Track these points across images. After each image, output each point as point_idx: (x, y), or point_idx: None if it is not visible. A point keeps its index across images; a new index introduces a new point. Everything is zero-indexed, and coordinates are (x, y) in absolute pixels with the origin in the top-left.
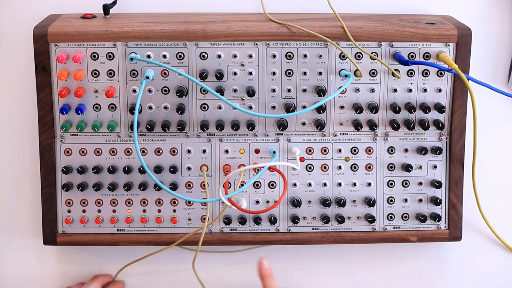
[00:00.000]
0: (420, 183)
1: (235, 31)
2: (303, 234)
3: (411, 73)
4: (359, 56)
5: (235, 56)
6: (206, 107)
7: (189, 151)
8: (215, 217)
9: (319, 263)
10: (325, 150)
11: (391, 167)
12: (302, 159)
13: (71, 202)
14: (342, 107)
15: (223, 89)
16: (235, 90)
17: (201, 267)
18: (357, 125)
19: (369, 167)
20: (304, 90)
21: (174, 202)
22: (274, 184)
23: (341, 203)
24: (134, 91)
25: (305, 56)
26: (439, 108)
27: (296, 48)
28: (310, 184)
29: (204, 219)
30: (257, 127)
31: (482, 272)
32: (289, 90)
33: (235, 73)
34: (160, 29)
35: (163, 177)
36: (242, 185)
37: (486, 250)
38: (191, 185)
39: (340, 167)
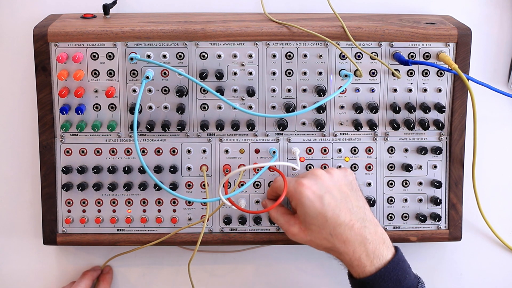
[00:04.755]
0: (420, 183)
1: (235, 31)
2: None
3: (411, 73)
4: (359, 56)
5: (235, 56)
6: (206, 107)
7: (189, 151)
8: (214, 217)
9: (319, 263)
10: (325, 150)
11: (391, 167)
12: (302, 159)
13: (71, 202)
14: (342, 107)
15: (223, 89)
16: (235, 90)
17: (201, 267)
18: (357, 125)
19: (369, 167)
20: (304, 90)
21: (174, 202)
22: None
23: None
24: (134, 91)
25: (305, 56)
26: (439, 108)
27: (296, 48)
28: None
29: (203, 219)
30: (257, 127)
31: (482, 272)
32: (289, 90)
33: (235, 73)
34: (160, 29)
35: (163, 177)
36: (242, 185)
37: (486, 250)
38: (191, 185)
39: (340, 167)
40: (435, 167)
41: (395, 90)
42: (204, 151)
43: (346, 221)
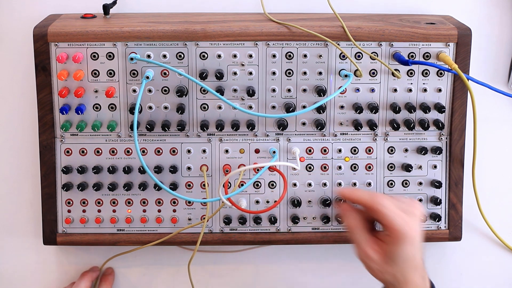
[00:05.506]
0: (420, 183)
1: (235, 31)
2: (303, 234)
3: (411, 73)
4: (359, 56)
5: (235, 56)
6: (206, 107)
7: (189, 151)
8: (214, 217)
9: (319, 263)
10: (325, 150)
11: (391, 167)
12: (302, 159)
13: (71, 202)
14: (342, 107)
15: (223, 89)
16: (235, 90)
17: (201, 267)
18: (357, 125)
19: (369, 167)
20: (304, 90)
21: (174, 202)
22: (274, 184)
23: (341, 203)
24: (134, 91)
25: (305, 56)
26: (439, 108)
27: (296, 48)
28: (310, 184)
29: (204, 219)
30: (257, 127)
31: (482, 272)
32: (289, 90)
33: (235, 73)
34: (160, 29)
35: (163, 177)
36: (242, 185)
37: (486, 250)
38: (191, 185)
39: (340, 167)
40: (435, 167)
41: (395, 90)
42: (204, 151)
43: (417, 265)
